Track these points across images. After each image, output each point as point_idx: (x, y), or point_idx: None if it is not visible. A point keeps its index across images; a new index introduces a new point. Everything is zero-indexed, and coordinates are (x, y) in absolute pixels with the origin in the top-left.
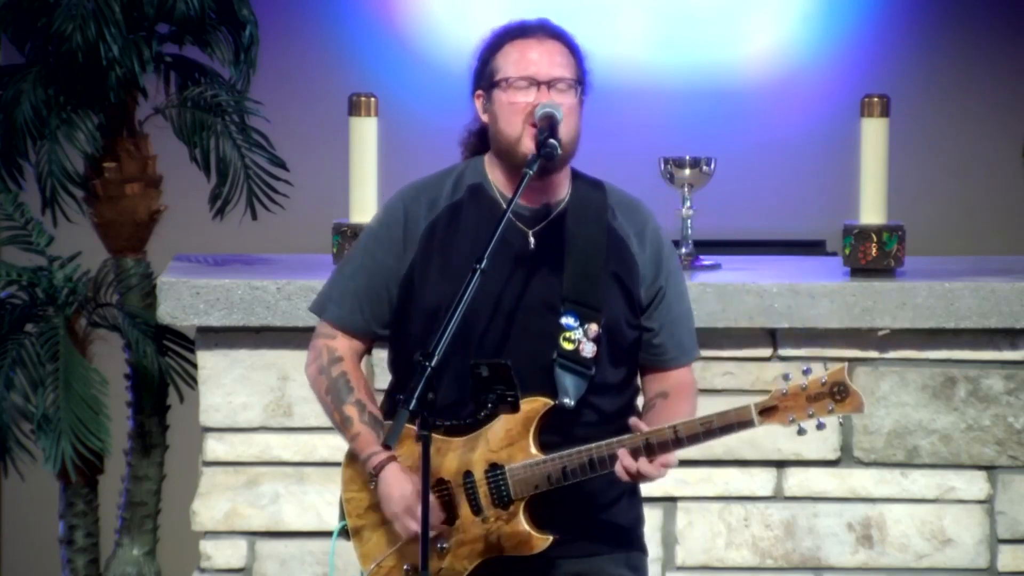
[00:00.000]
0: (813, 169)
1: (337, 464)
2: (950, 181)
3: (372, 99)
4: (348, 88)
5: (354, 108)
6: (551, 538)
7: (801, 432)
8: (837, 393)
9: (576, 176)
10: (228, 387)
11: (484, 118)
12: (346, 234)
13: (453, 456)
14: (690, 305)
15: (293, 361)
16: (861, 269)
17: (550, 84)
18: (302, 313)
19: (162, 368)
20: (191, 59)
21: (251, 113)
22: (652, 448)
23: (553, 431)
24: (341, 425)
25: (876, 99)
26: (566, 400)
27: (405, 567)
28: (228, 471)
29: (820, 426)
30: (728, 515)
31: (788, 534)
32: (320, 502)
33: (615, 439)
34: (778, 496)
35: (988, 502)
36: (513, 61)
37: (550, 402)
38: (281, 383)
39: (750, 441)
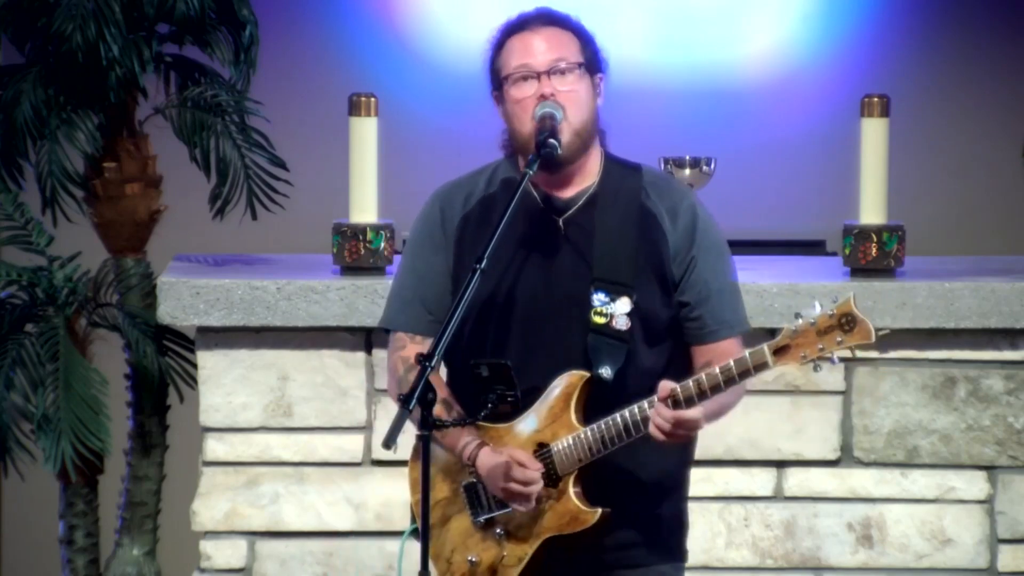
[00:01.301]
0: (813, 169)
1: (337, 464)
2: (950, 181)
3: (372, 99)
4: (348, 88)
5: (354, 108)
6: (599, 511)
7: (816, 369)
8: (845, 324)
9: (609, 160)
10: (228, 387)
11: (503, 118)
12: (346, 234)
13: (506, 442)
14: (734, 281)
15: (293, 361)
16: (861, 269)
17: (550, 72)
18: (302, 313)
19: (162, 368)
20: (191, 59)
21: (251, 113)
22: (679, 403)
23: (598, 414)
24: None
25: (876, 99)
26: (603, 371)
27: (469, 558)
28: (228, 471)
29: (833, 361)
30: (728, 515)
31: (788, 534)
32: (320, 502)
33: (645, 400)
34: (778, 496)
35: (988, 502)
36: (513, 56)
37: (586, 374)
38: (281, 383)
39: (750, 441)
